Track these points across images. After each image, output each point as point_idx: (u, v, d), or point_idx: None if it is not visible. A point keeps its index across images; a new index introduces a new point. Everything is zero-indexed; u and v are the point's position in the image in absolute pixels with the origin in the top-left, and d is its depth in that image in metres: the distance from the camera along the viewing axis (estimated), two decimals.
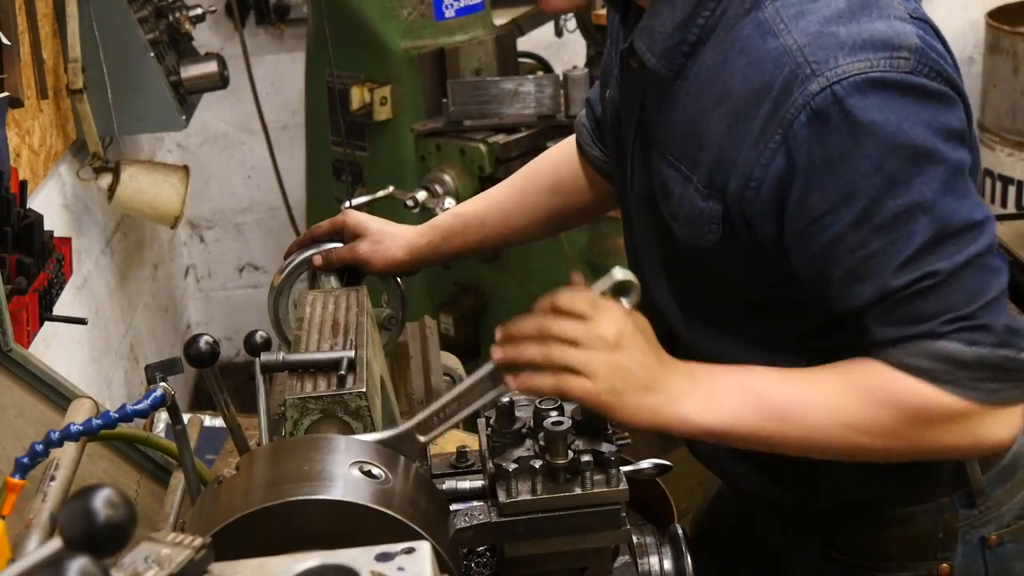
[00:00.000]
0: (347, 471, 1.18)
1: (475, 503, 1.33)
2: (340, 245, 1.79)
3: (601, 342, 1.26)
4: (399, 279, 1.83)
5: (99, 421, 1.33)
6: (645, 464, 1.41)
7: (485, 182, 3.21)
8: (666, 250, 1.52)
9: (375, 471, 1.19)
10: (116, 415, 1.33)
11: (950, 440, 1.31)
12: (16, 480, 1.34)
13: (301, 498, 1.13)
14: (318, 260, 1.77)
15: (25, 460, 1.33)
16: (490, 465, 1.30)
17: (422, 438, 1.31)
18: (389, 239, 1.79)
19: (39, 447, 1.32)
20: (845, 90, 1.23)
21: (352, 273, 1.80)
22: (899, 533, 1.54)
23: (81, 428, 1.33)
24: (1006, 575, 1.55)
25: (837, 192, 1.26)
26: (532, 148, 3.33)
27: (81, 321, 2.64)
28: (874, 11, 1.28)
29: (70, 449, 1.43)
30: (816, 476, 1.49)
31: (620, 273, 1.32)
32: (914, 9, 1.33)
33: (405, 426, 1.30)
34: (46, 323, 2.42)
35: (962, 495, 1.52)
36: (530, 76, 3.48)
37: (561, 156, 1.89)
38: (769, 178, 1.29)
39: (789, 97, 1.26)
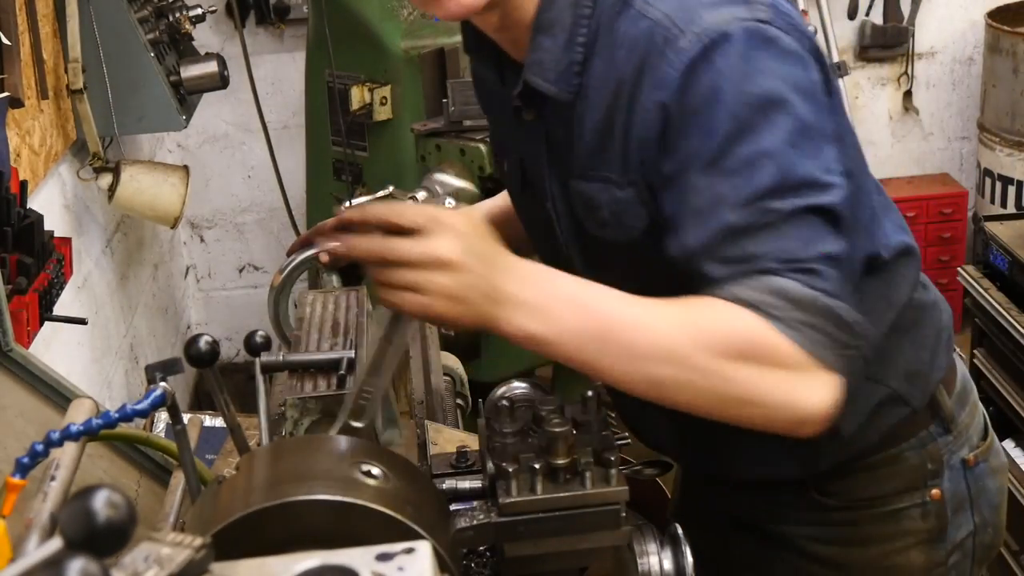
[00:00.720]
0: (347, 471, 1.18)
1: (475, 503, 1.33)
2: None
3: (439, 263, 1.23)
4: None
5: (99, 421, 1.33)
6: (645, 464, 1.41)
7: (485, 182, 3.21)
8: (617, 277, 1.50)
9: (375, 471, 1.19)
10: (116, 415, 1.33)
11: (765, 387, 1.27)
12: (16, 480, 1.34)
13: (301, 498, 1.13)
14: (325, 257, 1.77)
15: (25, 460, 1.33)
16: (490, 465, 1.30)
17: (357, 425, 1.30)
18: None
19: (39, 447, 1.32)
20: (711, 40, 1.32)
21: (351, 273, 1.80)
22: (890, 473, 1.61)
23: (81, 428, 1.33)
24: (984, 492, 1.67)
25: (697, 137, 1.32)
26: None
27: (81, 321, 2.64)
28: None
29: (70, 449, 1.43)
30: (814, 444, 1.49)
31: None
32: None
33: (338, 423, 1.30)
34: (46, 323, 2.42)
35: (937, 424, 1.62)
36: None
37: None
38: (652, 138, 1.36)
39: (663, 60, 1.34)
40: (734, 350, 1.26)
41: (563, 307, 1.28)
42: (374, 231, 1.26)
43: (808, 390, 1.27)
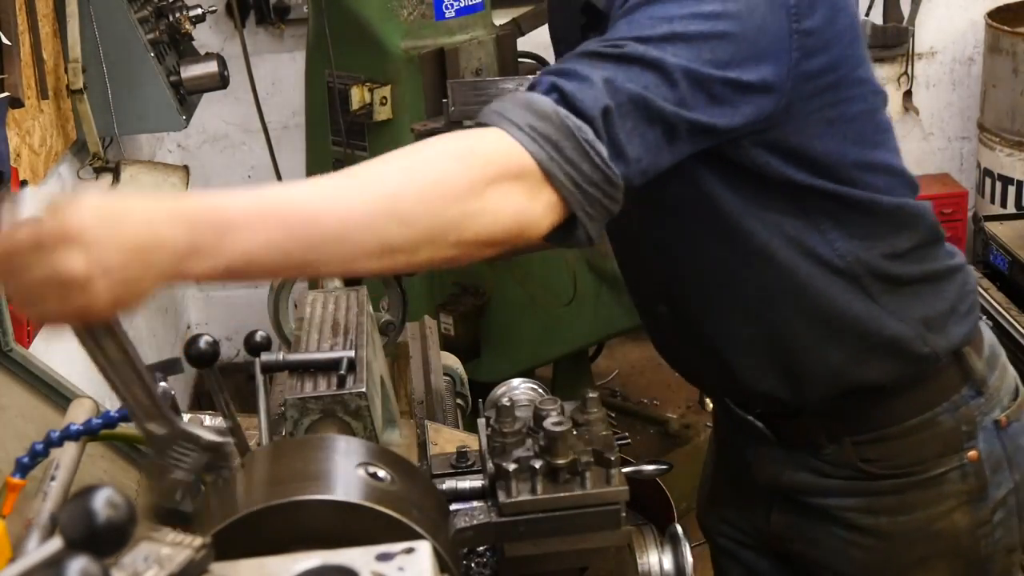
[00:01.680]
0: (350, 472, 1.18)
1: (475, 503, 1.32)
2: None
3: (73, 278, 1.02)
4: (400, 281, 1.83)
5: (99, 421, 1.34)
6: (645, 464, 1.41)
7: None
8: (664, 212, 1.54)
9: (381, 473, 1.19)
10: (116, 415, 1.33)
11: (497, 199, 1.20)
12: (16, 480, 1.35)
13: (302, 498, 1.13)
14: None
15: (25, 460, 1.33)
16: (490, 465, 1.30)
17: (159, 428, 1.17)
18: None
19: (39, 447, 1.32)
20: None
21: None
22: (926, 437, 1.65)
23: (81, 428, 1.33)
24: (1020, 451, 1.71)
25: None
26: None
27: None
28: None
29: (70, 449, 1.43)
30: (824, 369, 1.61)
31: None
32: None
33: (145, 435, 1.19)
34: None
35: (969, 387, 1.66)
36: (530, 76, 3.48)
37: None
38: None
39: None
40: (469, 159, 1.21)
41: (241, 228, 1.10)
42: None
43: (536, 205, 1.23)
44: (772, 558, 1.84)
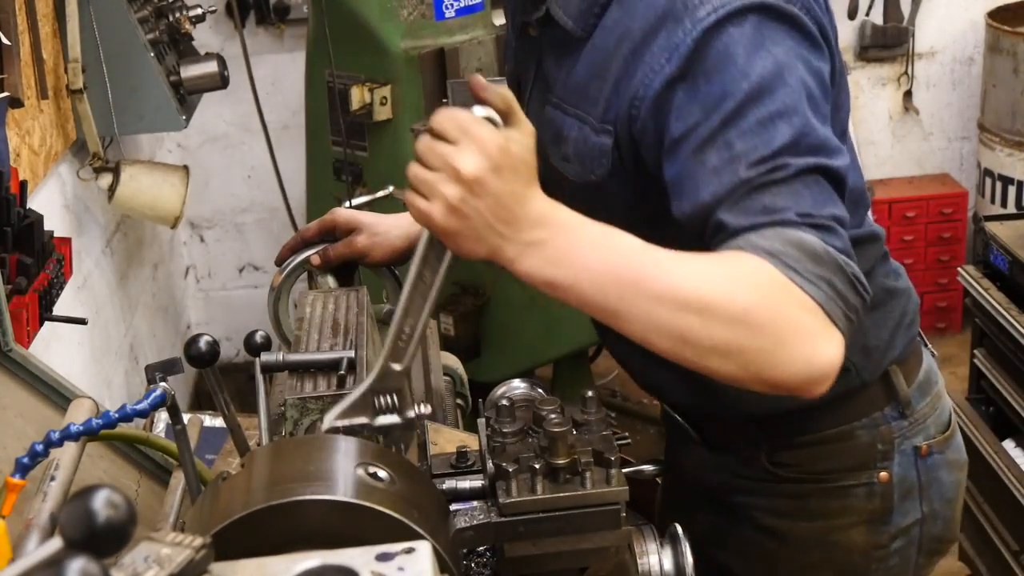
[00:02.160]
0: (350, 472, 1.18)
1: (475, 503, 1.32)
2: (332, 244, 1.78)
3: (454, 173, 1.21)
4: (395, 272, 1.83)
5: (99, 421, 1.33)
6: (645, 464, 1.41)
7: None
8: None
9: (379, 472, 1.19)
10: (116, 415, 1.33)
11: (788, 337, 1.25)
12: (16, 480, 1.35)
13: (302, 498, 1.13)
14: (316, 259, 1.77)
15: (25, 460, 1.33)
16: (490, 465, 1.30)
17: (397, 366, 1.30)
18: (386, 229, 1.78)
19: (39, 447, 1.32)
20: (729, 12, 1.35)
21: (344, 272, 1.79)
22: (840, 449, 1.64)
23: (81, 428, 1.33)
24: (935, 483, 1.69)
25: (710, 99, 1.34)
26: None
27: (81, 321, 2.64)
28: None
29: (70, 449, 1.43)
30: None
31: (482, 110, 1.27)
32: None
33: (377, 367, 1.30)
34: (46, 323, 2.42)
35: (893, 407, 1.65)
36: None
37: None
38: (649, 96, 1.39)
39: (679, 24, 1.37)
40: (765, 291, 1.25)
41: (584, 250, 1.25)
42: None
43: (825, 343, 1.26)
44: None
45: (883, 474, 1.65)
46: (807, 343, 1.25)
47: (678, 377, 1.56)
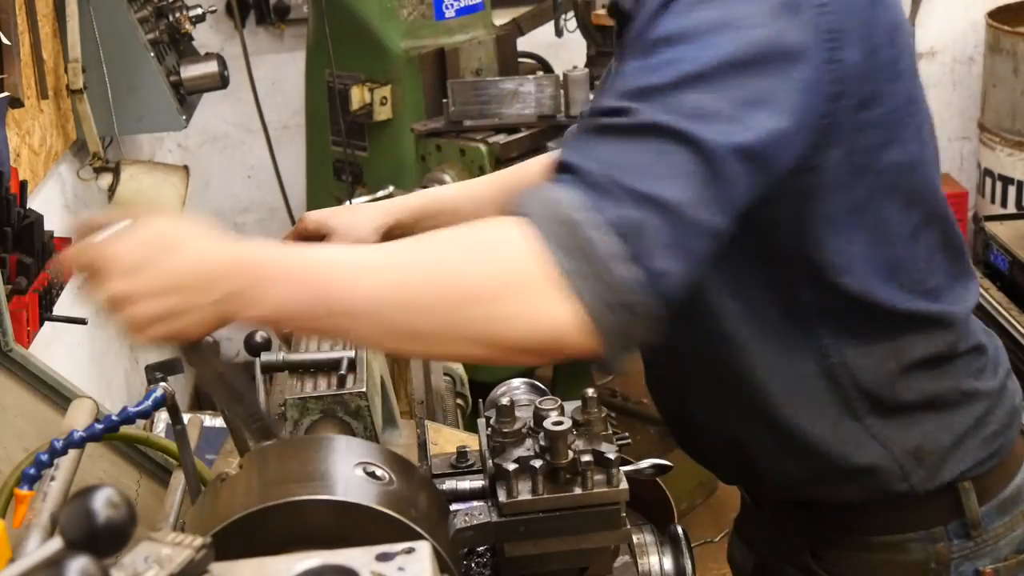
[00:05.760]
0: (350, 471, 1.18)
1: (475, 503, 1.32)
2: None
3: (113, 302, 1.15)
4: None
5: (101, 426, 1.33)
6: (645, 464, 1.41)
7: None
8: None
9: (379, 472, 1.19)
10: (117, 418, 1.33)
11: (505, 294, 1.12)
12: (24, 492, 1.35)
13: (302, 498, 1.13)
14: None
15: (32, 471, 1.33)
16: (490, 465, 1.30)
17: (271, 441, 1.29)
18: (355, 227, 1.69)
19: (44, 457, 1.32)
20: None
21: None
22: (887, 562, 1.46)
23: (84, 435, 1.32)
24: None
25: (641, 41, 1.20)
26: (532, 148, 3.33)
27: (81, 321, 2.64)
28: None
29: (71, 451, 1.43)
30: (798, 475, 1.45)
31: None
32: None
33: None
34: (46, 323, 2.42)
35: (957, 525, 1.44)
36: (530, 76, 3.48)
37: (550, 164, 1.70)
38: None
39: None
40: (479, 247, 1.15)
41: (271, 285, 1.15)
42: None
43: (550, 303, 1.10)
44: None
45: None
46: (525, 299, 1.11)
47: (724, 455, 1.52)
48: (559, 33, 3.86)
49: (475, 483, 1.36)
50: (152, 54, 3.12)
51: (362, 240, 1.69)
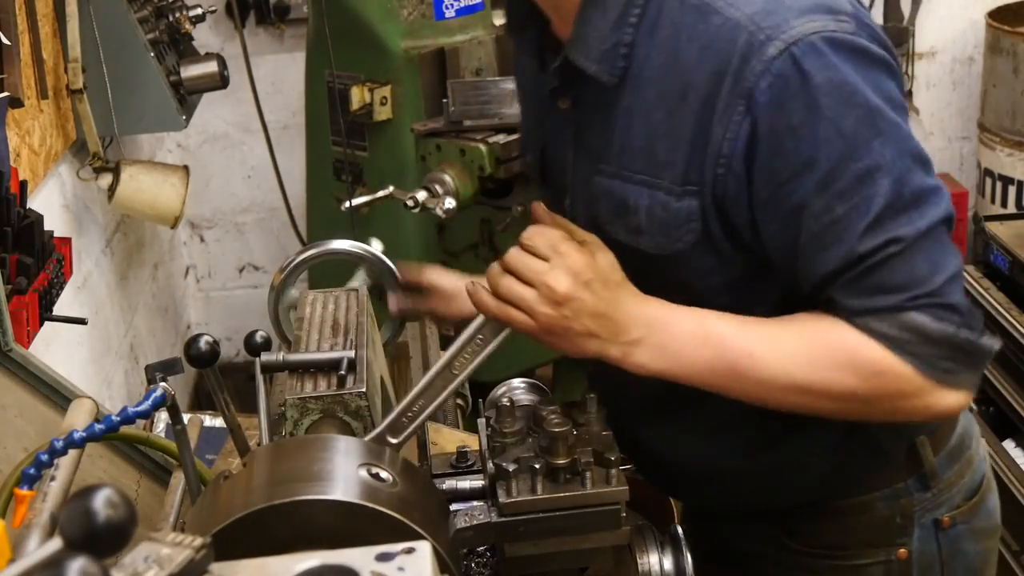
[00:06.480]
0: (351, 472, 1.18)
1: (475, 503, 1.33)
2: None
3: (549, 291, 1.30)
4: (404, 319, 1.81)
5: (101, 426, 1.33)
6: None
7: (485, 182, 3.21)
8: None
9: (381, 473, 1.19)
10: (117, 418, 1.33)
11: (902, 408, 1.35)
12: (24, 492, 1.35)
13: (302, 498, 1.13)
14: (394, 310, 1.75)
15: (32, 471, 1.33)
16: (490, 465, 1.30)
17: (392, 440, 1.32)
18: (461, 297, 1.68)
19: (44, 457, 1.32)
20: (802, 51, 1.26)
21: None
22: (858, 521, 1.56)
23: (84, 435, 1.32)
24: (958, 555, 1.59)
25: (799, 158, 1.28)
26: None
27: (81, 321, 2.64)
28: None
29: (71, 451, 1.43)
30: (780, 482, 1.55)
31: None
32: None
33: (376, 431, 1.31)
34: (46, 323, 2.42)
35: (917, 478, 1.55)
36: None
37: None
38: (737, 153, 1.30)
39: (748, 65, 1.27)
40: (870, 384, 1.31)
41: (683, 345, 1.34)
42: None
43: (942, 398, 1.32)
44: None
45: (902, 551, 1.55)
46: (919, 406, 1.33)
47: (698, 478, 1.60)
48: None
49: (475, 483, 1.36)
50: (152, 54, 3.12)
51: (464, 311, 1.66)
